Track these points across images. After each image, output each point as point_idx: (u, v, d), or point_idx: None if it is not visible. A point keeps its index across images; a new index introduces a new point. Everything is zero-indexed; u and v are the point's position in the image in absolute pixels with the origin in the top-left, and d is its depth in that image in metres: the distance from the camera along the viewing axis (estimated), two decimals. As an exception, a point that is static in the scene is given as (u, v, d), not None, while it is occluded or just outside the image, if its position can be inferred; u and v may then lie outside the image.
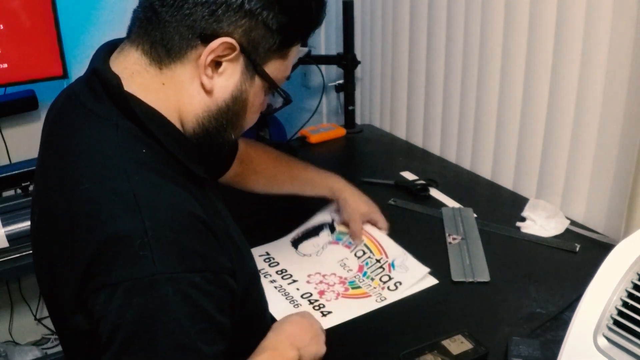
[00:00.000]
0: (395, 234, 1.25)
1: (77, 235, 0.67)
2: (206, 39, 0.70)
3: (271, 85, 0.76)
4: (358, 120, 2.02)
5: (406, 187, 1.50)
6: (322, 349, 0.90)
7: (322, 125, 1.94)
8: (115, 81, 0.71)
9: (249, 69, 0.73)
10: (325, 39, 2.17)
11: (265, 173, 1.23)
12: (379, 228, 1.24)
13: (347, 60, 1.88)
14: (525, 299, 1.08)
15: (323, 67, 2.07)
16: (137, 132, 0.71)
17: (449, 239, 1.26)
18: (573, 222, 1.32)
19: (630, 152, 1.18)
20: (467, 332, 0.97)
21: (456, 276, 1.14)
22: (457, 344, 0.94)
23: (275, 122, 2.11)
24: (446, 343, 0.94)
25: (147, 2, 0.73)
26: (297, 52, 0.78)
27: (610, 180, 1.25)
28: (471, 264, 1.17)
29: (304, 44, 0.80)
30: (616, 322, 0.74)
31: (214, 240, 0.71)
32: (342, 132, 1.90)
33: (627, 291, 0.75)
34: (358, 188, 1.28)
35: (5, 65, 1.75)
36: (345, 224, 1.25)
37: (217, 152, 0.79)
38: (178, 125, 0.74)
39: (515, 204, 1.41)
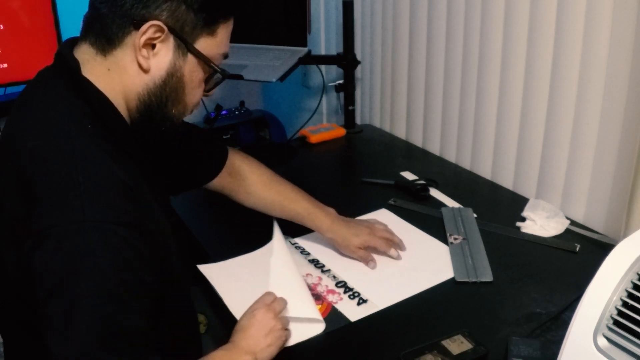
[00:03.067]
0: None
1: (19, 186, 0.75)
2: (138, 25, 0.79)
3: (204, 61, 0.85)
4: (358, 120, 2.02)
5: (406, 187, 1.50)
6: (278, 343, 0.95)
7: (322, 125, 1.94)
8: (74, 64, 0.82)
9: (181, 47, 0.82)
10: (325, 39, 2.17)
11: (255, 195, 1.23)
12: (383, 252, 1.21)
13: (347, 60, 1.89)
14: (525, 299, 1.08)
15: (323, 67, 2.07)
16: (87, 110, 0.80)
17: (450, 239, 1.26)
18: (573, 222, 1.32)
19: (630, 152, 1.18)
20: (467, 332, 0.97)
21: (459, 276, 1.14)
22: (457, 344, 0.94)
23: (276, 122, 2.11)
24: (446, 343, 0.94)
25: (90, 1, 0.84)
26: (228, 29, 0.86)
27: (610, 180, 1.25)
28: (474, 264, 1.17)
29: (230, 18, 0.87)
30: (616, 322, 0.74)
31: (141, 207, 0.79)
32: (342, 132, 1.90)
33: (627, 291, 0.75)
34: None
35: (5, 65, 1.75)
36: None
37: (162, 128, 0.87)
38: (123, 106, 0.84)
39: (515, 204, 1.41)
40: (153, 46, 0.81)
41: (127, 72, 0.82)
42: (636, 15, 1.13)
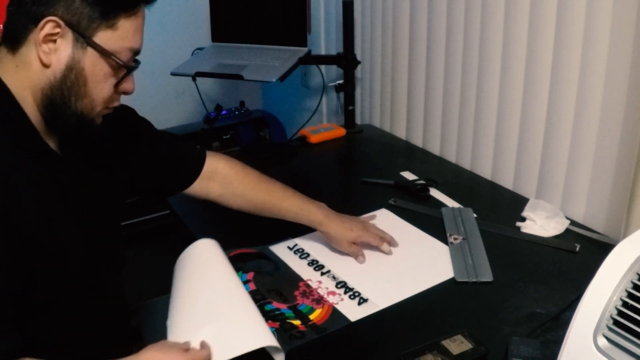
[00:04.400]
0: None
1: None
2: (36, 22, 0.83)
3: (105, 54, 0.86)
4: (358, 120, 2.02)
5: (406, 187, 1.50)
6: None
7: (322, 125, 1.94)
8: None
9: (79, 41, 0.84)
10: (325, 39, 2.17)
11: (244, 198, 1.22)
12: (375, 248, 1.22)
13: (347, 60, 1.89)
14: (525, 299, 1.08)
15: (323, 67, 2.07)
16: None
17: (450, 239, 1.26)
18: (573, 222, 1.32)
19: (630, 152, 1.18)
20: (467, 332, 0.97)
21: (459, 276, 1.14)
22: (457, 344, 0.94)
23: (275, 122, 2.11)
24: (446, 343, 0.94)
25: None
26: (132, 23, 0.87)
27: (610, 180, 1.25)
28: (474, 264, 1.17)
29: (133, 13, 0.87)
30: (616, 322, 0.74)
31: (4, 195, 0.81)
32: (342, 132, 1.90)
33: (627, 291, 0.75)
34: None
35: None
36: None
37: (71, 123, 0.89)
38: (31, 102, 0.86)
39: (515, 204, 1.41)
40: (55, 42, 0.84)
41: (32, 68, 0.85)
42: (636, 15, 1.13)
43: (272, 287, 1.13)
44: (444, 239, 1.27)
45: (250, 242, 1.26)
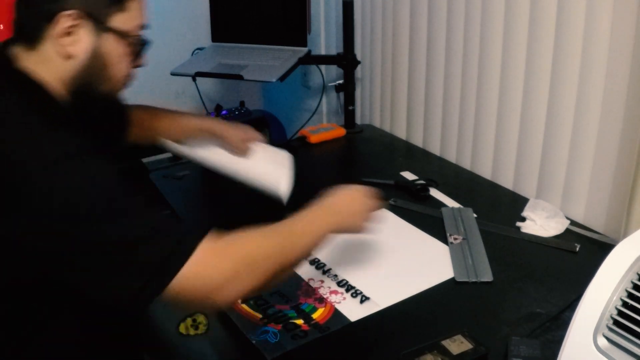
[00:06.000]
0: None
1: None
2: (50, 19, 0.85)
3: (122, 36, 0.90)
4: (358, 120, 2.02)
5: (406, 187, 1.50)
6: (363, 223, 1.03)
7: (322, 125, 1.94)
8: (5, 61, 0.88)
9: (97, 29, 0.88)
10: (325, 39, 2.17)
11: (140, 127, 1.25)
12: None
13: (347, 60, 1.89)
14: (525, 299, 1.08)
15: (323, 67, 2.07)
16: (22, 103, 0.84)
17: (450, 239, 1.26)
18: (573, 222, 1.32)
19: (630, 152, 1.18)
20: (467, 332, 0.96)
21: (459, 276, 1.14)
22: (457, 344, 0.94)
23: (276, 122, 2.11)
24: (446, 343, 0.94)
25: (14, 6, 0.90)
26: (137, 2, 0.92)
27: (610, 180, 1.25)
28: (474, 264, 1.17)
29: None
30: (616, 322, 0.74)
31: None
32: (342, 132, 1.90)
33: (627, 291, 0.75)
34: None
35: (5, 65, 1.75)
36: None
37: (99, 106, 0.95)
38: (59, 92, 0.89)
39: (515, 204, 1.41)
40: (73, 33, 0.87)
41: (55, 62, 0.87)
42: (636, 15, 1.13)
43: (274, 290, 1.13)
44: (444, 239, 1.27)
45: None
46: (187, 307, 0.85)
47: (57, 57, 0.87)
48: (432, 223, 1.34)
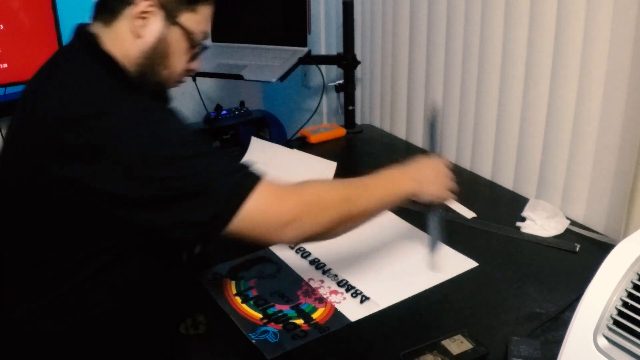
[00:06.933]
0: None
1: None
2: (133, 1, 0.95)
3: (186, 32, 0.99)
4: (358, 120, 2.02)
5: (406, 187, 1.50)
6: (442, 193, 1.10)
7: (322, 125, 1.94)
8: (94, 39, 0.99)
9: (167, 19, 0.97)
10: (325, 39, 2.17)
11: None
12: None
13: (347, 60, 1.88)
14: (525, 299, 1.08)
15: (323, 67, 2.07)
16: (104, 72, 0.96)
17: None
18: (573, 222, 1.32)
19: (630, 152, 1.18)
20: (467, 332, 0.97)
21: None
22: (457, 344, 0.94)
23: (276, 122, 2.11)
24: (446, 343, 0.94)
25: None
26: (208, 10, 1.01)
27: (610, 180, 1.25)
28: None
29: (211, 0, 1.02)
30: (616, 322, 0.74)
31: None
32: (342, 132, 1.90)
33: (627, 291, 0.75)
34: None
35: (5, 65, 1.75)
36: None
37: (151, 87, 1.01)
38: (126, 67, 0.98)
39: (515, 204, 1.41)
40: (146, 18, 0.96)
41: (127, 39, 0.97)
42: (636, 15, 1.13)
43: (274, 290, 1.13)
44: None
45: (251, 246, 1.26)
46: (251, 242, 0.93)
47: (129, 35, 0.96)
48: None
